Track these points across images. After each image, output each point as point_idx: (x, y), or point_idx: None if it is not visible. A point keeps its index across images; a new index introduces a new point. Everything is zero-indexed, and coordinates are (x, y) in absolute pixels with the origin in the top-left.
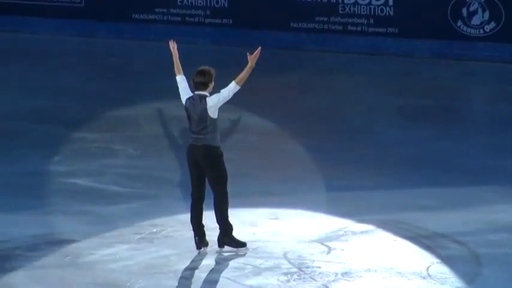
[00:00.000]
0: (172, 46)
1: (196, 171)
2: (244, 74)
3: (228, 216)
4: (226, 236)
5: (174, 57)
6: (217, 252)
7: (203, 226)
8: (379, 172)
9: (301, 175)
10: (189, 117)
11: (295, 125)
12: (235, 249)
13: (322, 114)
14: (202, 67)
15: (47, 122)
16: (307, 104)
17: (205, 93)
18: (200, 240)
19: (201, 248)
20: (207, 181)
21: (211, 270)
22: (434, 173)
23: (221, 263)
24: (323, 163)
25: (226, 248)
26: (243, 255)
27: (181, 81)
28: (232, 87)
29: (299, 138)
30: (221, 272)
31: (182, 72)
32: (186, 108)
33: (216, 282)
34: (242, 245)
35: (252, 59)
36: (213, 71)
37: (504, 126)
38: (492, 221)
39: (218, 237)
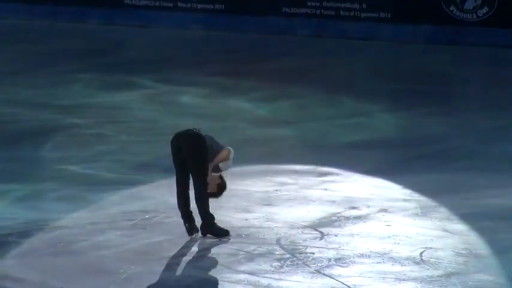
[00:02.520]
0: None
1: (179, 157)
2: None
3: (208, 206)
4: (208, 225)
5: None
6: (210, 238)
7: (191, 212)
8: (371, 157)
9: (294, 160)
10: None
11: (287, 111)
12: (217, 238)
13: (315, 100)
14: None
15: (39, 108)
16: (299, 90)
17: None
18: (190, 226)
19: (192, 235)
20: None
21: (204, 257)
22: (426, 158)
23: (214, 249)
24: (316, 148)
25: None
26: (236, 241)
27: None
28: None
29: (291, 124)
30: (214, 258)
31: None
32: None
33: (208, 268)
34: (224, 233)
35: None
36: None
37: (496, 111)
38: (484, 206)
39: (200, 226)
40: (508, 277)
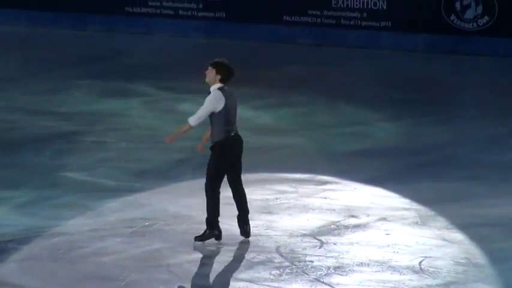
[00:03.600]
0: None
1: (235, 162)
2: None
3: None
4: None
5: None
6: (210, 246)
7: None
8: (371, 165)
9: (294, 168)
10: (228, 109)
11: (288, 119)
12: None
13: (315, 108)
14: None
15: (39, 115)
16: (300, 98)
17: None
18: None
19: (220, 239)
20: (234, 173)
21: (204, 264)
22: (425, 166)
23: (213, 257)
24: (316, 156)
25: (217, 241)
26: (236, 249)
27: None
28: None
29: (291, 132)
30: (213, 266)
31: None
32: (226, 103)
33: (208, 275)
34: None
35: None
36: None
37: (496, 120)
38: (484, 216)
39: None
40: (507, 286)
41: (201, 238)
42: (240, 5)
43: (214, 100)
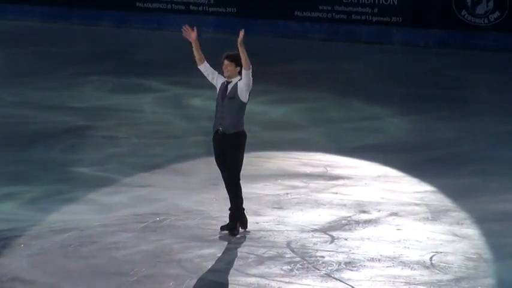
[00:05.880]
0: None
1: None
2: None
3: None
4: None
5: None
6: (220, 241)
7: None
8: (382, 161)
9: (305, 164)
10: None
11: (299, 115)
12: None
13: (326, 103)
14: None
15: (51, 110)
16: (311, 93)
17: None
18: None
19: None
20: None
21: (215, 259)
22: (436, 162)
23: (224, 252)
24: (327, 152)
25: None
26: (246, 244)
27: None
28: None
29: (302, 128)
30: (224, 261)
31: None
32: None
33: (219, 271)
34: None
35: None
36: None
37: (508, 116)
38: (494, 211)
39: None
40: None
41: (234, 232)
42: (250, 0)
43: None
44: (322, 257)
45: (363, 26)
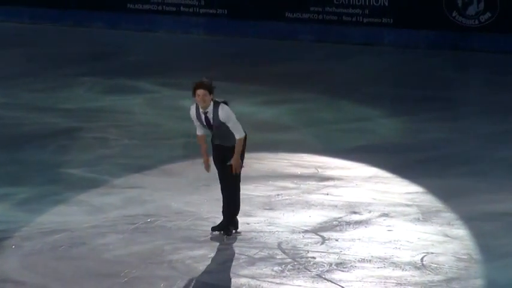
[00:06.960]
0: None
1: None
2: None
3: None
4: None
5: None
6: (211, 242)
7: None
8: (373, 162)
9: (296, 165)
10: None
11: (289, 116)
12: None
13: (317, 104)
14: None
15: (41, 111)
16: (301, 95)
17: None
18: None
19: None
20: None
21: (206, 260)
22: (427, 163)
23: (215, 253)
24: (318, 153)
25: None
26: (238, 245)
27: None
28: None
29: (293, 129)
30: (215, 262)
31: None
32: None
33: (210, 272)
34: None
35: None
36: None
37: (498, 116)
38: (486, 212)
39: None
40: (509, 282)
41: (228, 232)
42: (241, 2)
43: (232, 111)
44: (313, 257)
45: (354, 28)
